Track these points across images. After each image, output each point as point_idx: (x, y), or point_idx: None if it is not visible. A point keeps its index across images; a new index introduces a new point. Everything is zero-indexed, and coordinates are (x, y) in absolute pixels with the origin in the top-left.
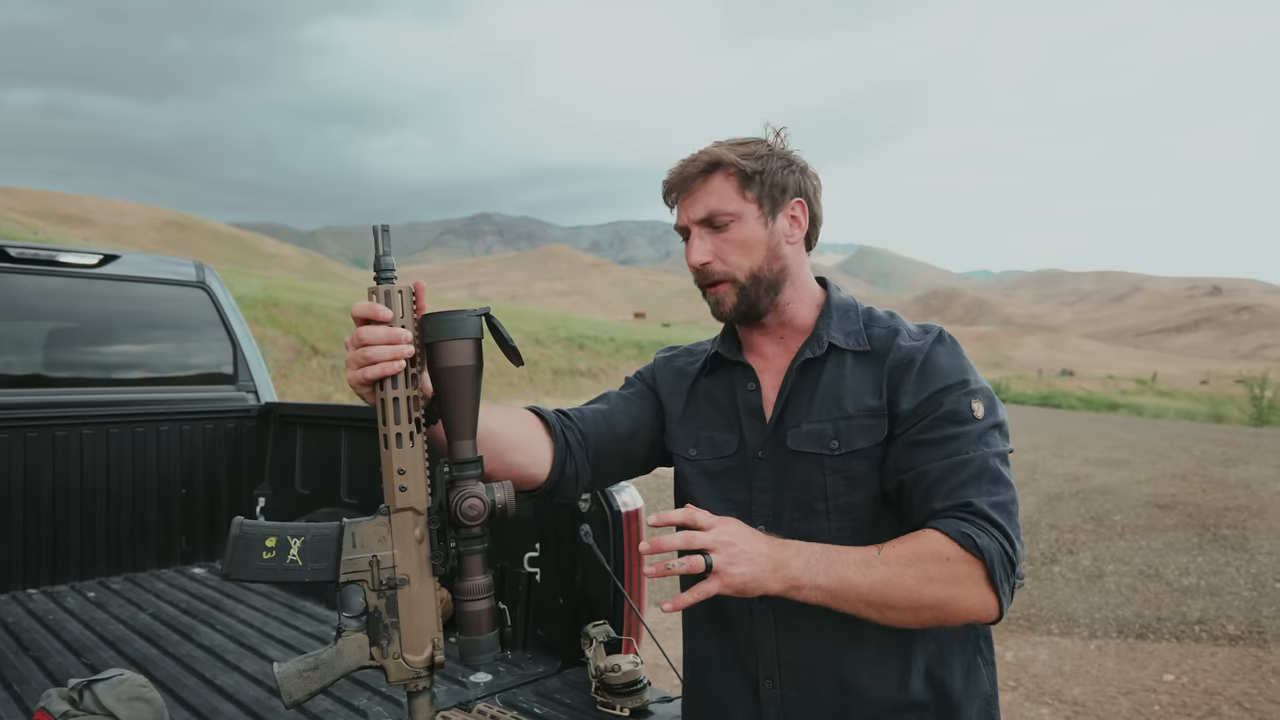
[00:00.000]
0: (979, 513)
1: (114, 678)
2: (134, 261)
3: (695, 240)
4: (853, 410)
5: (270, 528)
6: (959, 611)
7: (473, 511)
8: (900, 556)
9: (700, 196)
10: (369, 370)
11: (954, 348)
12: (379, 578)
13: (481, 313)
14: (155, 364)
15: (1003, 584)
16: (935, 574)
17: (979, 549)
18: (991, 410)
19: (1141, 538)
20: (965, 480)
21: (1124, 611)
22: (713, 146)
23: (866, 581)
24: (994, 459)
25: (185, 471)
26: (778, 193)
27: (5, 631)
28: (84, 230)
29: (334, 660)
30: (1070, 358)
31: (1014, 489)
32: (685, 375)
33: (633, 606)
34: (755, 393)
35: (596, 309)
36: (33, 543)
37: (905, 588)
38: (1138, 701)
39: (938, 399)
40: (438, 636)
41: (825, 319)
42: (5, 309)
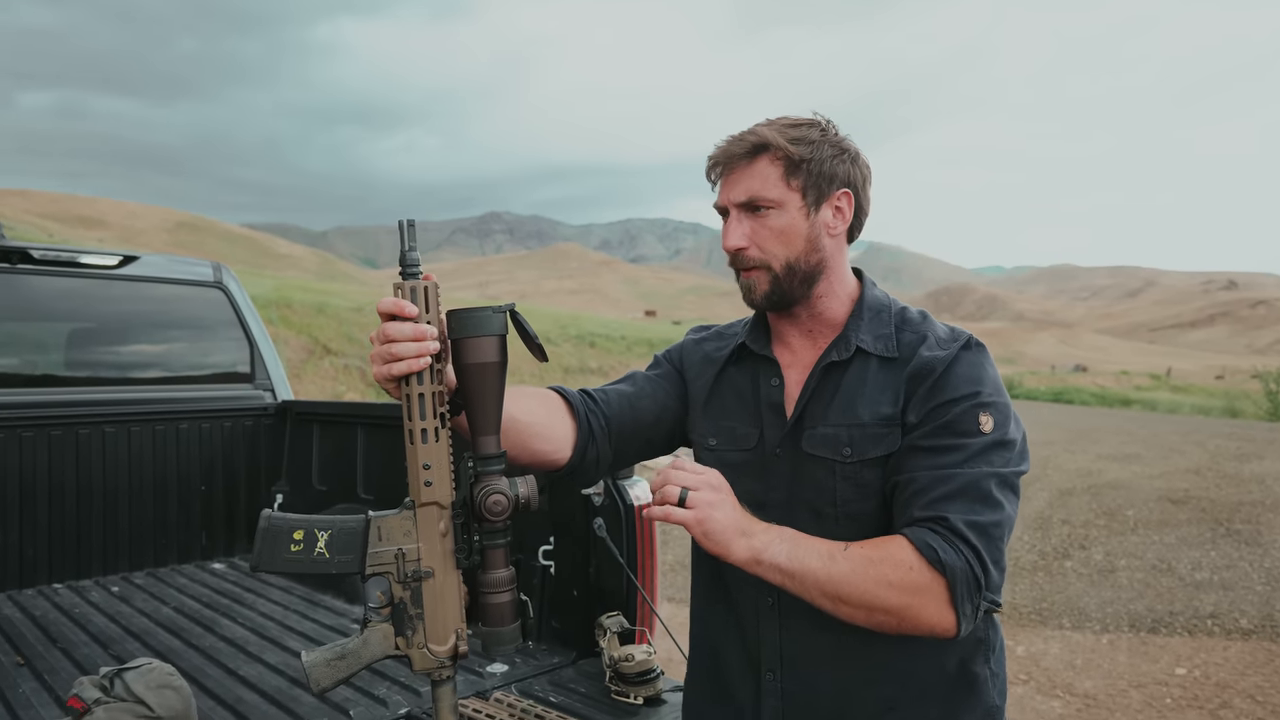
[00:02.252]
0: (952, 528)
1: (143, 666)
2: (152, 263)
3: (733, 223)
4: (868, 419)
5: (298, 520)
6: (912, 621)
7: (497, 507)
8: (863, 556)
9: (743, 179)
10: (395, 366)
11: (978, 356)
12: (404, 570)
13: (506, 309)
14: (174, 363)
15: (963, 603)
16: (894, 580)
17: (942, 564)
18: (1002, 426)
19: (1154, 532)
20: (948, 494)
21: (1136, 606)
22: (762, 126)
23: (825, 572)
24: (988, 478)
25: (204, 469)
26: (824, 182)
27: (33, 624)
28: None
29: (360, 650)
30: (1083, 353)
31: (1003, 511)
32: (712, 362)
33: (646, 598)
34: (778, 388)
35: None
36: (57, 539)
37: (861, 587)
38: (1149, 695)
39: (946, 408)
40: (461, 627)
41: (856, 319)
42: (29, 310)
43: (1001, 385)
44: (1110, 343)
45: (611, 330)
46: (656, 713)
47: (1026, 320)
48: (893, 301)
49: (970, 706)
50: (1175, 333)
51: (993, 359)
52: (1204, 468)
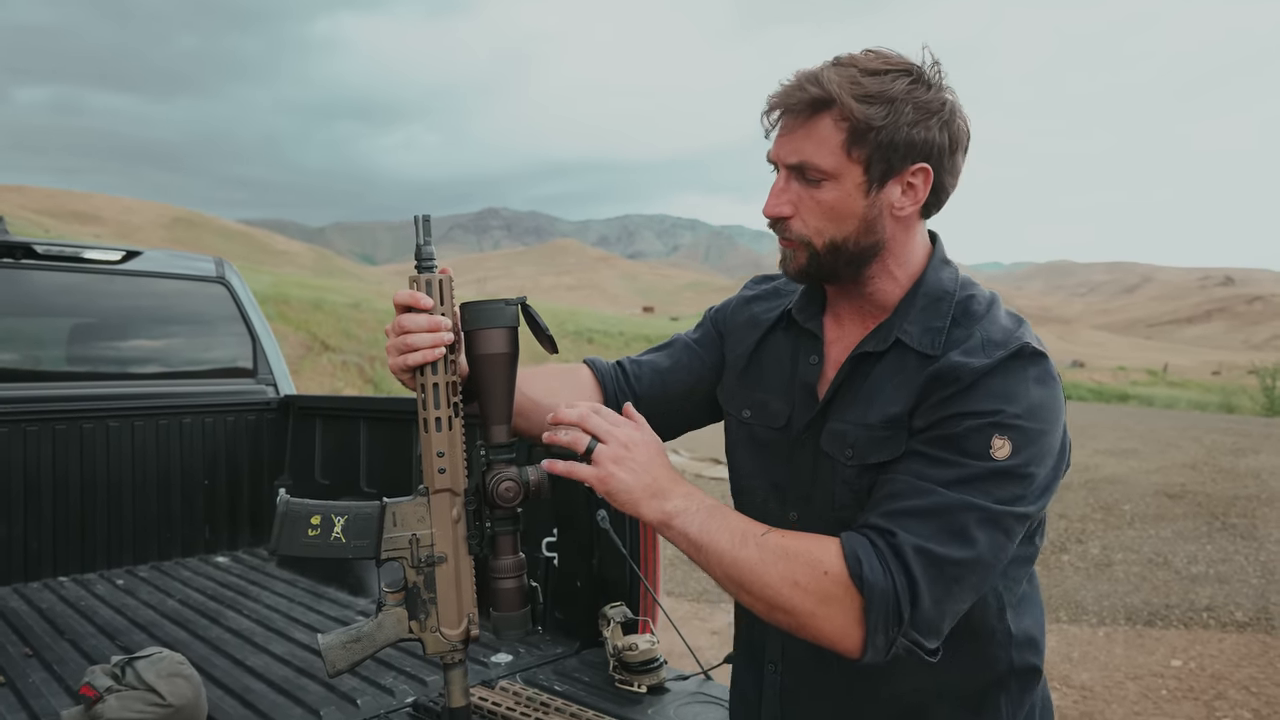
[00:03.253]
0: (895, 547)
1: (154, 655)
2: (155, 258)
3: (779, 185)
4: (875, 420)
5: (315, 506)
6: (812, 630)
7: (508, 494)
8: (779, 547)
9: (797, 139)
10: (410, 357)
11: (1025, 370)
12: (418, 555)
13: (518, 302)
14: (177, 358)
15: (875, 632)
16: (802, 580)
17: (860, 579)
18: (1020, 454)
19: (1150, 526)
20: (913, 510)
21: (1132, 599)
22: (835, 71)
23: (731, 553)
24: (970, 511)
25: (207, 463)
26: (895, 156)
27: (40, 617)
28: (94, 228)
29: (375, 633)
30: (1081, 349)
31: (974, 550)
32: (757, 325)
33: (648, 588)
34: (816, 367)
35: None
36: (62, 532)
37: (764, 579)
38: (1145, 686)
39: (958, 420)
40: (473, 612)
41: (907, 305)
42: (33, 305)
43: (1045, 411)
44: (1108, 338)
45: (610, 326)
46: (660, 701)
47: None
48: (960, 287)
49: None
50: (1172, 328)
51: (1054, 380)
52: (1200, 462)
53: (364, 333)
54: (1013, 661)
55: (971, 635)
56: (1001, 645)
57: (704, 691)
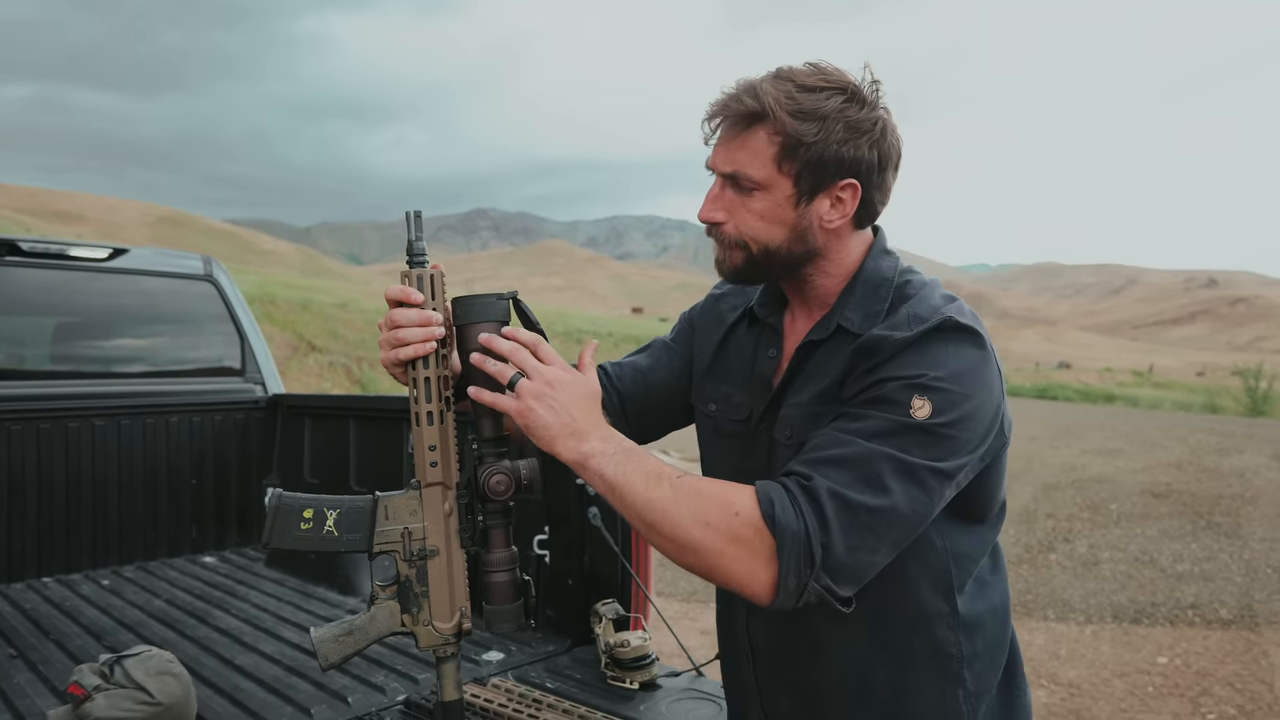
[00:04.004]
0: (810, 491)
1: (143, 654)
2: (142, 256)
3: (714, 192)
4: (808, 397)
5: (307, 499)
6: (722, 571)
7: (499, 487)
8: (693, 489)
9: (732, 149)
10: (402, 351)
11: (949, 340)
12: (410, 549)
13: (508, 296)
14: (164, 357)
15: (788, 575)
16: (713, 520)
17: (775, 521)
18: (941, 414)
19: (1136, 525)
20: (829, 458)
21: (1119, 597)
22: (772, 84)
23: (644, 494)
24: (886, 460)
25: (195, 462)
26: (824, 172)
27: (24, 617)
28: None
29: (367, 626)
30: (1067, 350)
31: (889, 498)
32: (722, 323)
33: (640, 586)
34: (773, 360)
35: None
36: (46, 532)
37: (675, 519)
38: (1132, 683)
39: (882, 384)
40: (465, 605)
41: (847, 295)
42: (18, 303)
43: (971, 377)
44: (1094, 340)
45: (598, 327)
46: (651, 697)
47: (1011, 318)
48: (899, 274)
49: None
50: (1157, 330)
51: (981, 349)
52: (1185, 462)
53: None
54: (961, 649)
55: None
56: (949, 627)
57: (696, 688)
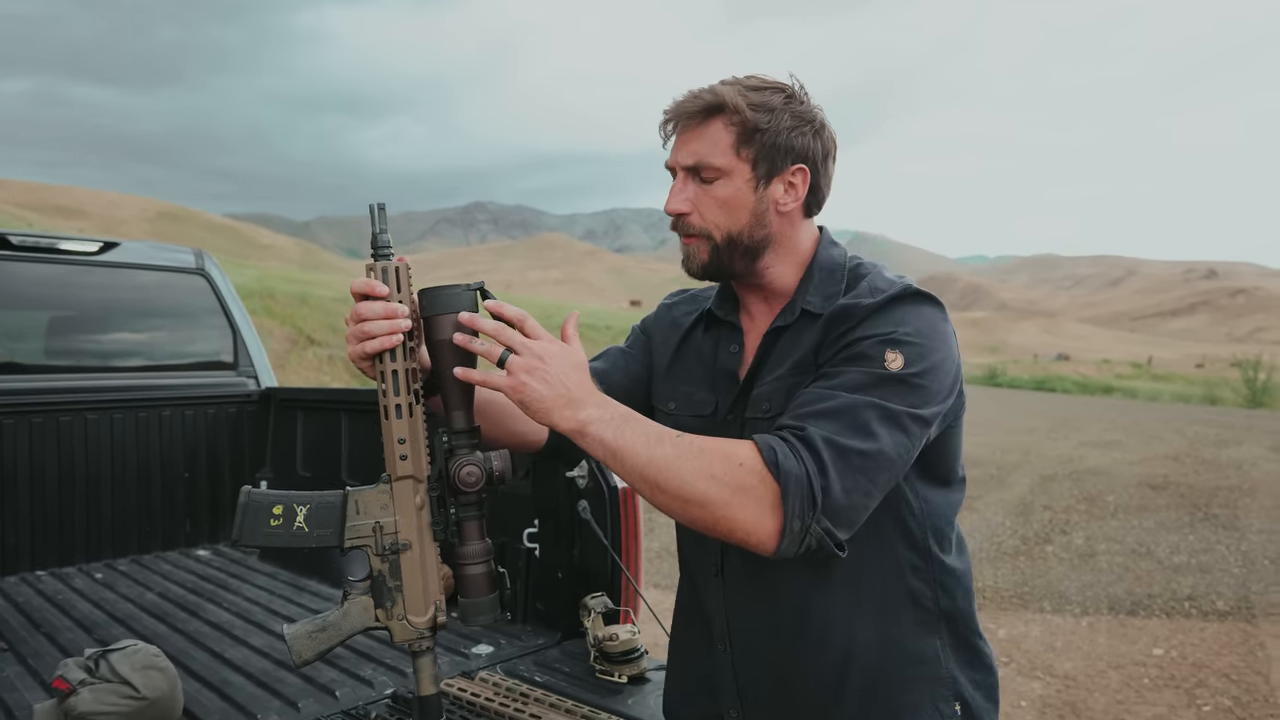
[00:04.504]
0: (806, 439)
1: (128, 648)
2: (133, 249)
3: (677, 186)
4: (784, 370)
5: (276, 496)
6: (727, 524)
7: (470, 479)
8: (693, 444)
9: (692, 141)
10: (368, 344)
11: (913, 304)
12: (382, 543)
13: (475, 287)
14: (156, 350)
15: (792, 518)
16: (717, 473)
17: (777, 467)
18: (913, 365)
19: (1134, 517)
20: (819, 412)
21: (1115, 589)
22: (724, 85)
23: (647, 454)
24: (870, 408)
25: (188, 456)
26: (778, 155)
27: (17, 610)
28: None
29: (341, 622)
30: (1066, 342)
31: (878, 443)
32: (678, 327)
33: (630, 579)
34: (736, 355)
35: (592, 297)
36: (39, 526)
37: (680, 474)
38: (1127, 675)
39: (857, 343)
40: (440, 599)
41: (806, 282)
42: (9, 297)
43: (934, 333)
44: (1092, 331)
45: (597, 320)
46: (640, 691)
47: (1010, 309)
48: (849, 259)
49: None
50: (1156, 321)
51: (940, 311)
52: (1183, 454)
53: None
54: (939, 603)
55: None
56: (925, 581)
57: None
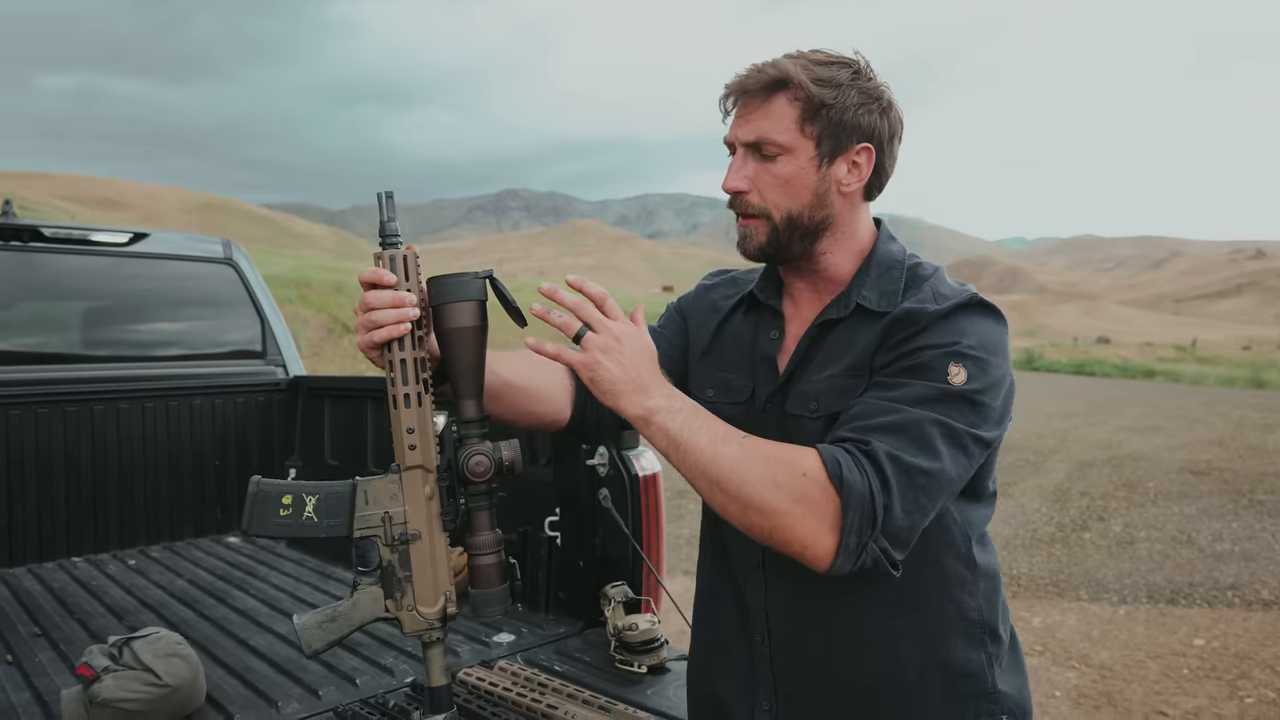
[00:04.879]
0: (870, 454)
1: (151, 635)
2: (163, 240)
3: (737, 163)
4: (839, 370)
5: (286, 486)
6: (784, 533)
7: (479, 468)
8: (759, 449)
9: (755, 117)
10: (376, 334)
11: (977, 314)
12: (391, 533)
13: (484, 275)
14: (186, 340)
15: (850, 534)
16: (780, 480)
17: (840, 480)
18: (976, 381)
19: (1175, 504)
20: (882, 426)
21: (1155, 577)
22: (788, 59)
23: (711, 451)
24: (933, 425)
25: (218, 444)
26: (843, 133)
27: (51, 596)
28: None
29: (350, 612)
30: (1107, 325)
31: (940, 462)
32: (717, 310)
33: (651, 569)
34: (776, 341)
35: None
36: (75, 513)
37: (741, 477)
38: (1166, 665)
39: (917, 353)
40: (450, 589)
41: (862, 275)
42: (42, 288)
43: (997, 348)
44: (1134, 314)
45: (629, 306)
46: (660, 681)
47: (1049, 292)
48: (908, 257)
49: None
50: (1201, 303)
51: (1003, 325)
52: (1227, 439)
53: None
54: (983, 613)
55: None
56: (970, 593)
57: None
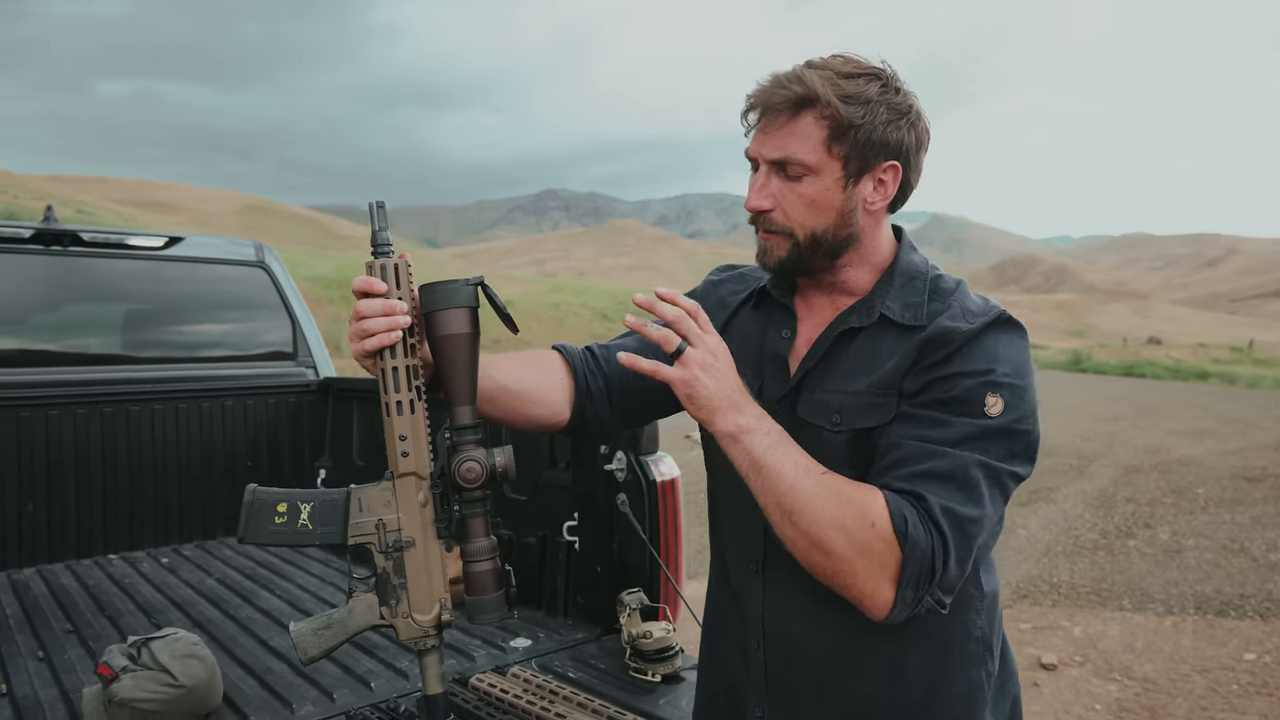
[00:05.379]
0: (927, 510)
1: (169, 636)
2: (197, 243)
3: (760, 180)
4: (865, 386)
5: (281, 494)
6: (844, 577)
7: (470, 475)
8: (835, 489)
9: (780, 135)
10: (367, 342)
11: (1009, 334)
12: (385, 540)
13: (475, 282)
14: (219, 342)
15: (907, 589)
16: (850, 527)
17: (906, 537)
18: (1013, 412)
19: (1226, 511)
20: (929, 473)
21: (1204, 587)
22: (814, 72)
23: (791, 481)
24: (977, 467)
25: (249, 444)
26: (871, 153)
27: (86, 593)
28: (172, 216)
29: (346, 620)
30: (1158, 325)
31: (984, 510)
32: (725, 306)
33: (668, 575)
34: (788, 341)
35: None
36: (111, 512)
37: (815, 515)
38: (1214, 680)
39: (952, 381)
40: (445, 597)
41: (885, 285)
42: (80, 291)
43: (1027, 369)
44: (1187, 314)
45: None
46: (674, 690)
47: (1097, 291)
48: (930, 268)
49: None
50: (1259, 303)
51: (1027, 338)
52: None
53: None
54: (986, 631)
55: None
56: (977, 611)
57: None
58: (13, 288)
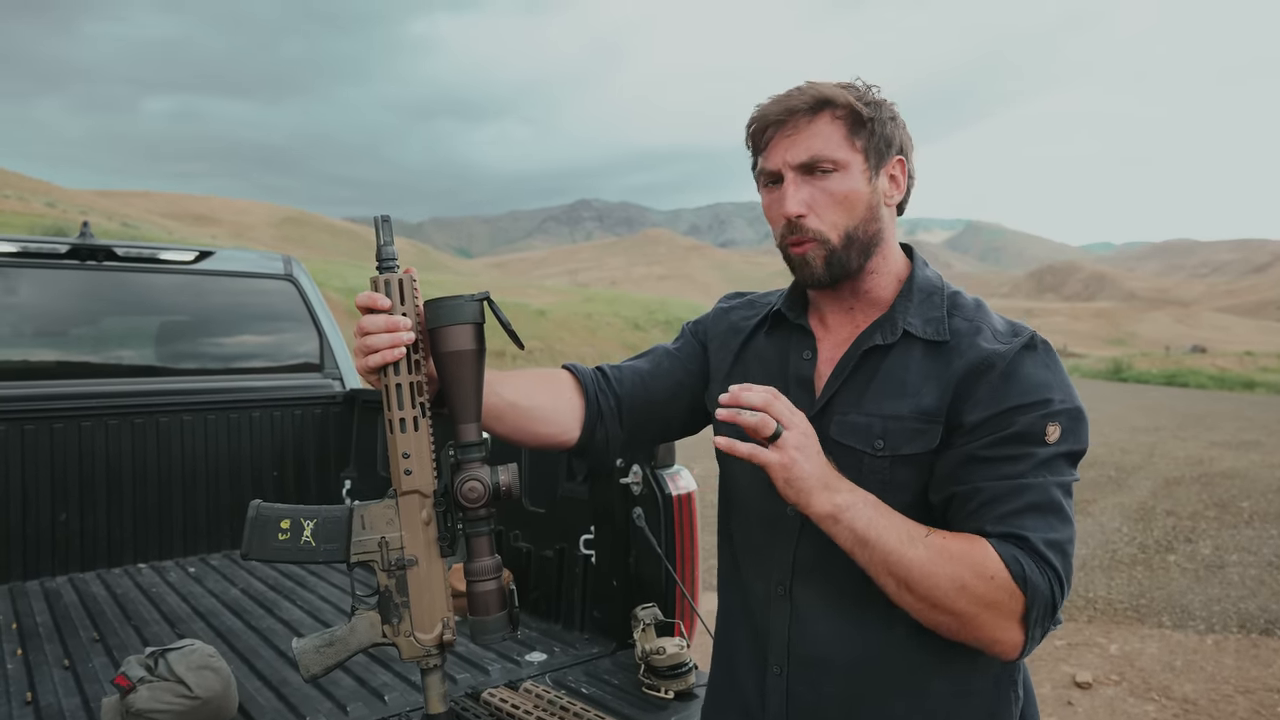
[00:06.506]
0: (1034, 549)
1: (185, 648)
2: (227, 257)
3: (790, 187)
4: (907, 411)
5: (285, 510)
6: (974, 631)
7: (473, 494)
8: (944, 549)
9: (804, 138)
10: (370, 358)
11: (1045, 357)
12: (388, 558)
13: (481, 297)
14: (248, 354)
15: (1036, 626)
16: (970, 584)
17: (1026, 582)
18: (1069, 436)
19: (1272, 525)
20: (1023, 508)
21: (1248, 605)
22: (818, 83)
23: (899, 551)
24: (1056, 488)
25: (276, 455)
26: (884, 146)
27: (114, 602)
28: (211, 229)
29: (348, 637)
30: (1202, 333)
31: (1073, 525)
32: (738, 331)
33: (684, 591)
34: (809, 362)
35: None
36: (141, 521)
37: (932, 580)
38: (1258, 701)
39: (1011, 416)
40: (448, 615)
41: (905, 300)
42: (112, 305)
43: (1071, 386)
44: (1233, 322)
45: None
46: (686, 708)
47: (1139, 299)
48: (945, 284)
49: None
50: None
51: (1059, 357)
52: None
53: None
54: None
55: None
56: None
57: None
58: (47, 301)
